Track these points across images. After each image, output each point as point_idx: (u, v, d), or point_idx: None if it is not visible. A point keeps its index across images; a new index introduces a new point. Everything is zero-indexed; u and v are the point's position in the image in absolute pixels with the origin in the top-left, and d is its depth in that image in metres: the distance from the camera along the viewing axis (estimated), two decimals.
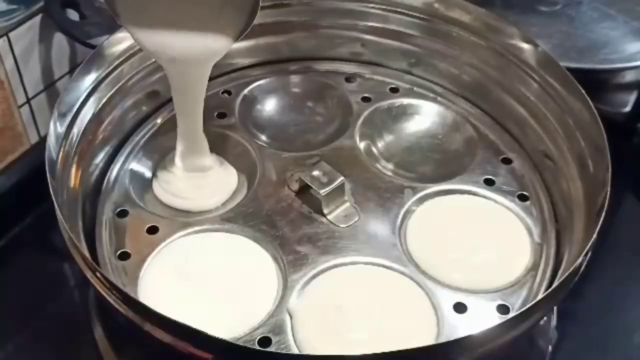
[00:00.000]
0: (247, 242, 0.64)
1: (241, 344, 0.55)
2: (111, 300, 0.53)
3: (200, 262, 0.63)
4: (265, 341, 0.58)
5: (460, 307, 0.61)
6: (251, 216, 0.66)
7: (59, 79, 0.82)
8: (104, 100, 0.70)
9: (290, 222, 0.66)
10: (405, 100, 0.79)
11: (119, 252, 0.64)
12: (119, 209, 0.67)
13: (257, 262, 0.63)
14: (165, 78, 0.75)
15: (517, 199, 0.69)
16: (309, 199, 0.68)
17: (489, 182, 0.71)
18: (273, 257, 0.63)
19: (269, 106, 0.77)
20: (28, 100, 0.79)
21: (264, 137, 0.74)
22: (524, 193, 0.70)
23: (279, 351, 0.57)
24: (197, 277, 0.62)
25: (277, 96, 0.79)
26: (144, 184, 0.70)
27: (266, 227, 0.66)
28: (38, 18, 0.76)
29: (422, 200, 0.69)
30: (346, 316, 0.59)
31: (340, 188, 0.67)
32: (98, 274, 0.53)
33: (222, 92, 0.79)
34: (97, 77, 0.69)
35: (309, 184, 0.66)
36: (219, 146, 0.73)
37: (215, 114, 0.76)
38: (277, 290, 0.61)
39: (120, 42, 0.71)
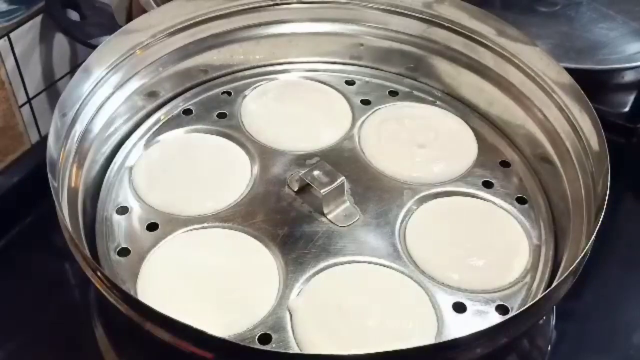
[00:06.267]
0: (248, 240, 0.65)
1: (242, 344, 0.55)
2: (111, 299, 0.53)
3: (200, 260, 0.63)
4: (265, 338, 0.58)
5: (459, 307, 0.61)
6: (252, 215, 0.67)
7: (60, 79, 0.83)
8: (104, 100, 0.70)
9: (290, 221, 0.66)
10: (405, 104, 0.79)
11: (119, 248, 0.64)
12: (118, 206, 0.68)
13: (258, 259, 0.63)
14: (165, 79, 0.76)
15: (515, 202, 0.69)
16: (309, 198, 0.68)
17: (487, 185, 0.71)
18: (273, 255, 0.64)
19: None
20: (29, 100, 0.79)
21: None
22: (522, 196, 0.70)
23: (279, 349, 0.57)
24: (197, 275, 0.62)
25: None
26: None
27: (267, 225, 0.66)
28: (39, 18, 0.76)
29: (421, 201, 0.69)
30: (346, 315, 0.59)
31: (341, 188, 0.67)
32: (99, 273, 0.53)
33: (222, 93, 0.79)
34: (98, 77, 0.69)
35: (310, 183, 0.66)
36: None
37: (216, 114, 0.76)
38: (277, 288, 0.61)
39: (121, 42, 0.71)
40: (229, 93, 0.79)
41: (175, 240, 0.64)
